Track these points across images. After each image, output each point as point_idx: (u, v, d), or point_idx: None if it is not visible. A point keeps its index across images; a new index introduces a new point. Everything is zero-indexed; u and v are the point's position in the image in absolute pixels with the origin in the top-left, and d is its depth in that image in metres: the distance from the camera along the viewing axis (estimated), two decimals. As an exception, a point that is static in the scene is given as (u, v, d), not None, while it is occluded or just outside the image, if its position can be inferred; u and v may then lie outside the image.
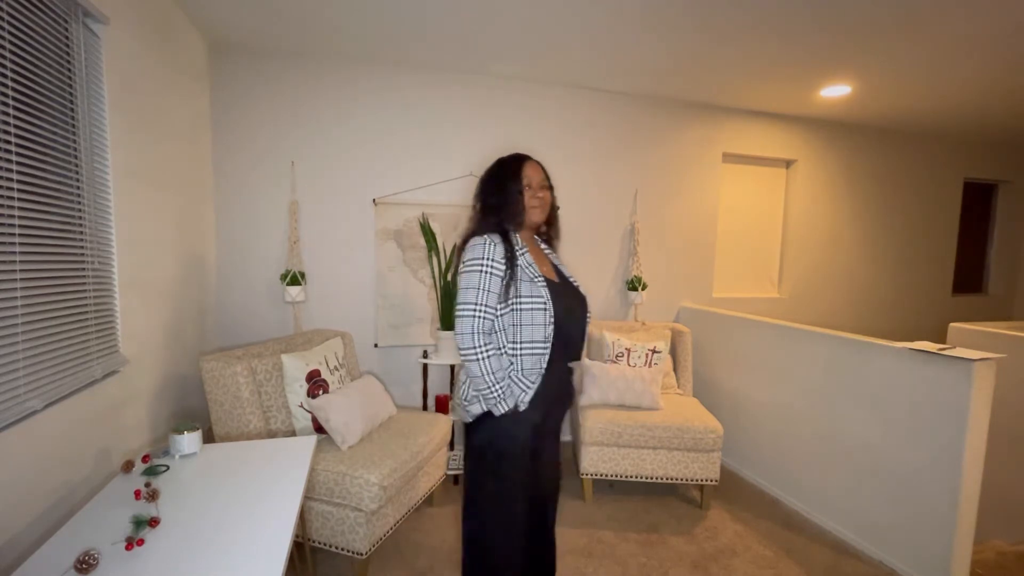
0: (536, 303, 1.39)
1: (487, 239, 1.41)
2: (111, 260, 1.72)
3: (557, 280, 1.52)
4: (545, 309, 1.40)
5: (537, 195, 1.50)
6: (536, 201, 1.50)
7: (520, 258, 1.44)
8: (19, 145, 1.26)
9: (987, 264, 4.96)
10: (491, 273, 1.39)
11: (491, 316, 1.40)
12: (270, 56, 2.76)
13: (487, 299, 1.39)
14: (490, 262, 1.39)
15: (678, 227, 3.65)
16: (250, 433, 2.00)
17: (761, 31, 2.42)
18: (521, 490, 1.45)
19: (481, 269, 1.39)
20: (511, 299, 1.40)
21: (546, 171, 1.57)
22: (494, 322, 1.41)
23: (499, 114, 3.16)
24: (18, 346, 1.25)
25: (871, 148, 4.17)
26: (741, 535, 2.35)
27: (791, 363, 2.65)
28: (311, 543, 1.94)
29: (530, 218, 1.51)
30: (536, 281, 1.42)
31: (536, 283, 1.41)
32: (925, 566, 1.99)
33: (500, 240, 1.43)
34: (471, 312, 1.38)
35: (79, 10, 1.52)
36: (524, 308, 1.39)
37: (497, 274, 1.39)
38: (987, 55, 2.63)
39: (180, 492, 1.33)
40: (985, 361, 1.84)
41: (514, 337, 1.40)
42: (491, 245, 1.41)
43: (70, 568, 0.98)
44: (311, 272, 2.89)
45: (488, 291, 1.39)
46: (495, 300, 1.40)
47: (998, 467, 2.09)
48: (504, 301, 1.40)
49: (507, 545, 1.46)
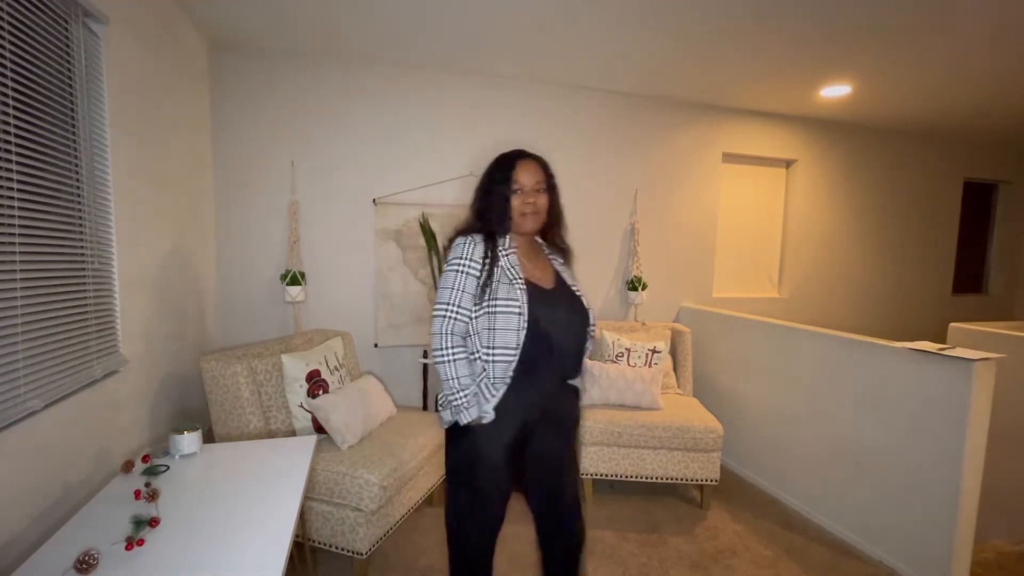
0: (511, 306, 1.31)
1: (469, 239, 1.37)
2: (111, 260, 1.72)
3: (551, 287, 1.42)
4: (520, 313, 1.30)
5: (528, 200, 1.39)
6: (528, 207, 1.39)
7: (503, 259, 1.37)
8: (19, 145, 1.26)
9: (987, 264, 4.96)
10: (467, 273, 1.34)
11: (464, 318, 1.34)
12: (270, 56, 2.76)
13: (460, 300, 1.34)
14: (467, 262, 1.35)
15: (678, 227, 3.65)
16: (250, 433, 2.00)
17: (761, 31, 2.42)
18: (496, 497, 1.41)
19: (458, 269, 1.35)
20: (486, 301, 1.32)
21: (548, 170, 1.45)
22: (468, 325, 1.35)
23: (499, 114, 3.16)
24: (18, 346, 1.25)
25: (871, 148, 4.17)
26: (741, 535, 2.35)
27: (791, 363, 2.64)
28: (311, 543, 1.94)
29: (520, 226, 1.41)
30: (515, 283, 1.33)
31: (514, 285, 1.33)
32: (925, 566, 1.98)
33: (482, 240, 1.38)
34: (442, 312, 1.34)
35: (79, 10, 1.52)
36: (499, 311, 1.31)
37: (473, 274, 1.34)
38: (987, 55, 2.63)
39: (180, 492, 1.33)
40: (985, 361, 1.84)
41: (488, 342, 1.32)
42: (471, 245, 1.36)
43: (70, 568, 0.98)
44: (311, 272, 2.89)
45: (462, 291, 1.34)
46: (469, 301, 1.34)
47: (998, 467, 2.09)
48: (479, 303, 1.33)
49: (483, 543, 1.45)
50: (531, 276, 1.40)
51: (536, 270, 1.44)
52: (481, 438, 1.34)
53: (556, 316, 1.37)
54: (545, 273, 1.46)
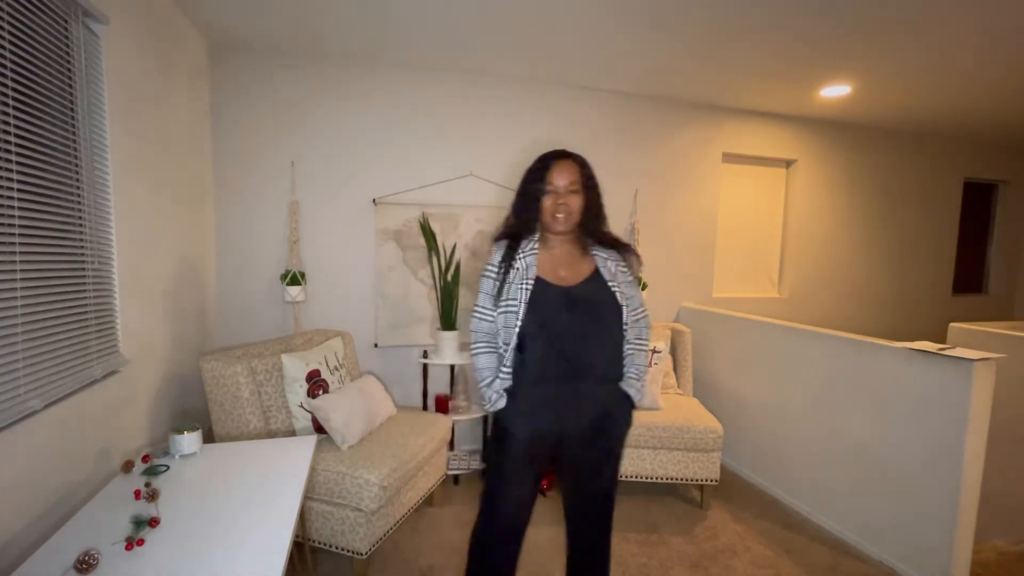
0: (511, 305, 1.41)
1: (496, 245, 1.51)
2: (111, 260, 1.72)
3: (570, 285, 1.44)
4: (515, 312, 1.40)
5: (560, 201, 1.43)
6: (560, 208, 1.43)
7: (519, 261, 1.44)
8: (19, 145, 1.26)
9: (987, 264, 4.96)
10: (489, 277, 1.49)
11: (489, 317, 1.47)
12: (270, 56, 2.76)
13: (485, 301, 1.49)
14: (490, 267, 1.49)
15: (678, 227, 3.65)
16: (250, 433, 2.00)
17: (761, 31, 2.42)
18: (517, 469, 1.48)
19: (484, 274, 1.50)
20: (501, 301, 1.44)
21: (587, 169, 1.48)
22: (493, 323, 1.47)
23: (499, 114, 3.16)
24: (18, 346, 1.25)
25: (871, 148, 4.17)
26: (741, 535, 2.35)
27: (791, 363, 2.65)
28: (311, 543, 1.94)
29: (551, 225, 1.45)
30: (523, 284, 1.41)
31: (521, 286, 1.41)
32: (925, 566, 1.99)
33: (505, 245, 1.49)
34: (473, 313, 1.51)
35: (79, 10, 1.52)
36: (504, 311, 1.43)
37: (492, 277, 1.48)
38: (987, 55, 2.63)
39: (180, 492, 1.33)
40: (985, 361, 1.84)
41: (505, 338, 1.43)
42: (496, 251, 1.50)
43: (70, 568, 0.98)
44: (311, 272, 2.89)
45: (486, 294, 1.48)
46: (490, 302, 1.47)
47: (998, 467, 2.09)
48: (497, 303, 1.45)
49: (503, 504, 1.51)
50: (550, 275, 1.44)
51: (562, 268, 1.47)
52: (505, 421, 1.46)
53: (558, 314, 1.41)
54: (574, 272, 1.47)
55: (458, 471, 2.78)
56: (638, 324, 1.52)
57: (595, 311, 1.44)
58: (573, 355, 1.42)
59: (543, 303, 1.40)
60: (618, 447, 1.53)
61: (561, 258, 1.49)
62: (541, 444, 1.46)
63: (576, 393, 1.44)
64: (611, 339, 1.45)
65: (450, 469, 2.74)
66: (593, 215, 1.51)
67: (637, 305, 1.53)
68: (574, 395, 1.44)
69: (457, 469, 2.78)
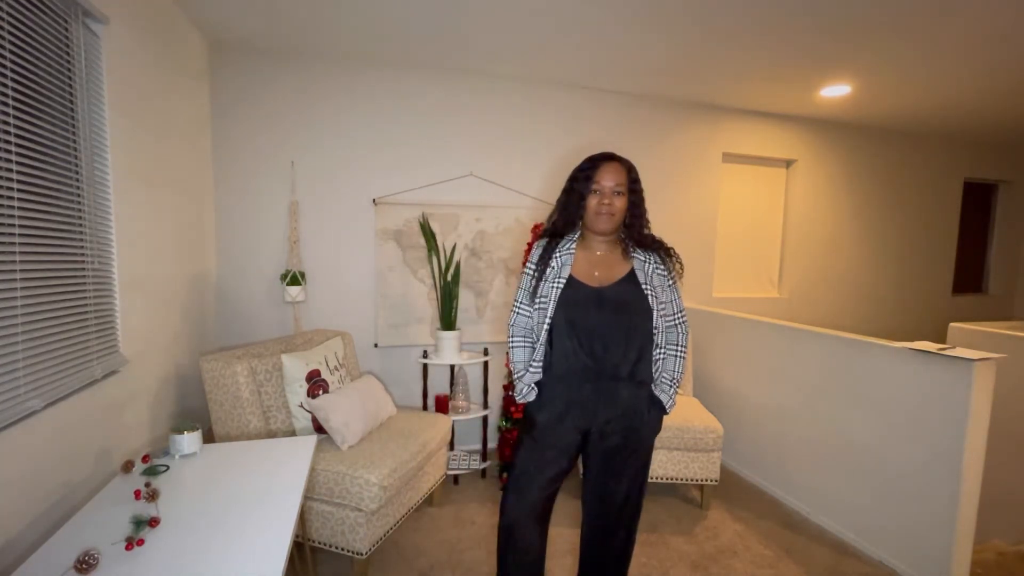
0: (542, 302, 1.48)
1: (537, 244, 1.57)
2: (111, 260, 1.72)
3: (602, 286, 1.46)
4: (545, 308, 1.47)
5: (604, 201, 1.44)
6: (604, 207, 1.45)
7: (555, 259, 1.49)
8: (19, 145, 1.26)
9: (987, 264, 4.96)
10: (527, 274, 1.56)
11: (526, 312, 1.55)
12: (270, 56, 2.76)
13: (523, 297, 1.56)
14: (530, 264, 1.56)
15: (678, 227, 3.65)
16: (250, 433, 2.00)
17: (761, 31, 2.42)
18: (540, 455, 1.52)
19: (524, 270, 1.58)
20: (536, 299, 1.51)
21: (632, 173, 1.49)
22: (529, 318, 1.55)
23: (499, 114, 3.16)
24: (18, 346, 1.25)
25: (871, 148, 4.17)
26: (741, 535, 2.35)
27: (791, 363, 2.65)
28: (311, 543, 1.94)
29: (593, 225, 1.48)
30: (556, 283, 1.47)
31: (554, 284, 1.47)
32: (925, 566, 1.99)
33: (546, 243, 1.55)
34: (512, 308, 1.59)
35: (79, 10, 1.52)
36: (541, 307, 1.49)
37: (529, 274, 1.55)
38: (987, 55, 2.63)
39: (180, 492, 1.33)
40: (985, 361, 1.84)
41: (538, 334, 1.50)
42: (536, 249, 1.56)
43: (70, 568, 0.98)
44: (311, 272, 2.89)
45: (525, 290, 1.56)
46: (527, 299, 1.55)
47: (998, 467, 2.09)
48: (532, 301, 1.53)
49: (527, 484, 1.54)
50: (584, 274, 1.48)
51: (598, 268, 1.50)
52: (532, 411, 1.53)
53: (587, 313, 1.45)
54: (609, 272, 1.49)
55: (458, 471, 2.78)
56: (674, 329, 1.52)
57: (624, 312, 1.45)
58: (599, 354, 1.44)
59: (573, 302, 1.45)
60: (642, 451, 1.52)
61: (599, 258, 1.51)
62: (565, 435, 1.50)
63: (600, 391, 1.46)
64: (638, 340, 1.45)
65: (450, 469, 2.74)
66: (636, 218, 1.52)
67: (675, 310, 1.52)
68: (597, 393, 1.46)
69: (457, 469, 2.78)
